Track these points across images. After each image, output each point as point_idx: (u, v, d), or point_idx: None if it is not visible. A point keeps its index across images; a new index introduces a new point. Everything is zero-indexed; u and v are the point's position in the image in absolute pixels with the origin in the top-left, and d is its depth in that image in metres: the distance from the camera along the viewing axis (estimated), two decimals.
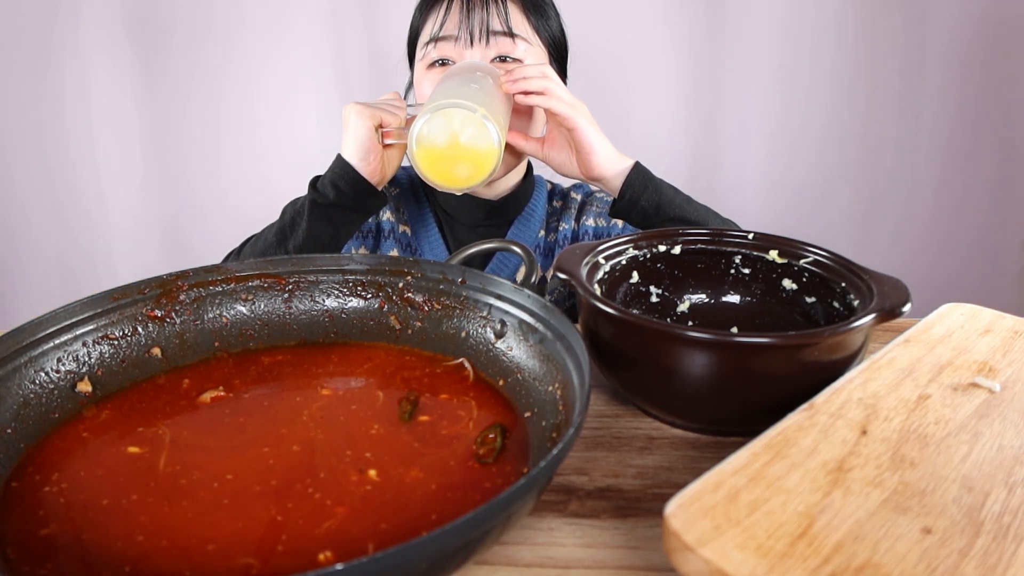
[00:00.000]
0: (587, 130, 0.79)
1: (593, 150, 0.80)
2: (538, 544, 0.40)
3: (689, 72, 1.56)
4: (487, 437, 0.45)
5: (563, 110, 0.78)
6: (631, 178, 0.79)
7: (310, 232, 0.80)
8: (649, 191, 0.79)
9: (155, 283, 0.55)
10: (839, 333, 0.46)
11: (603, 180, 0.82)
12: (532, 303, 0.51)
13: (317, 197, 0.80)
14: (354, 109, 0.80)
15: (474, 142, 0.72)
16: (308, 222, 0.80)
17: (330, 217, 0.80)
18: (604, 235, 0.97)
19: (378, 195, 0.82)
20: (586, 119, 0.80)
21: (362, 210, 0.82)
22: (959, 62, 1.50)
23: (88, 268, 1.67)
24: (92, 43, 1.54)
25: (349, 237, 0.84)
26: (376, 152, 0.80)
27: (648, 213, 0.79)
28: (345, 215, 0.81)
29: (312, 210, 0.80)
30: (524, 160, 0.97)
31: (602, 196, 1.01)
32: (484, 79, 0.77)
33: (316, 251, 0.80)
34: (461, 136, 0.72)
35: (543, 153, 0.85)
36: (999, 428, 0.43)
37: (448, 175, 0.74)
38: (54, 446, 0.45)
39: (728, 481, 0.37)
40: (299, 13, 1.54)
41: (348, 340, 0.58)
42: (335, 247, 0.82)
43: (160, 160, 1.61)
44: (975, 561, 0.33)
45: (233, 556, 0.36)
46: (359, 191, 0.80)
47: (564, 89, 0.80)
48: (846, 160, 1.59)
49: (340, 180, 0.80)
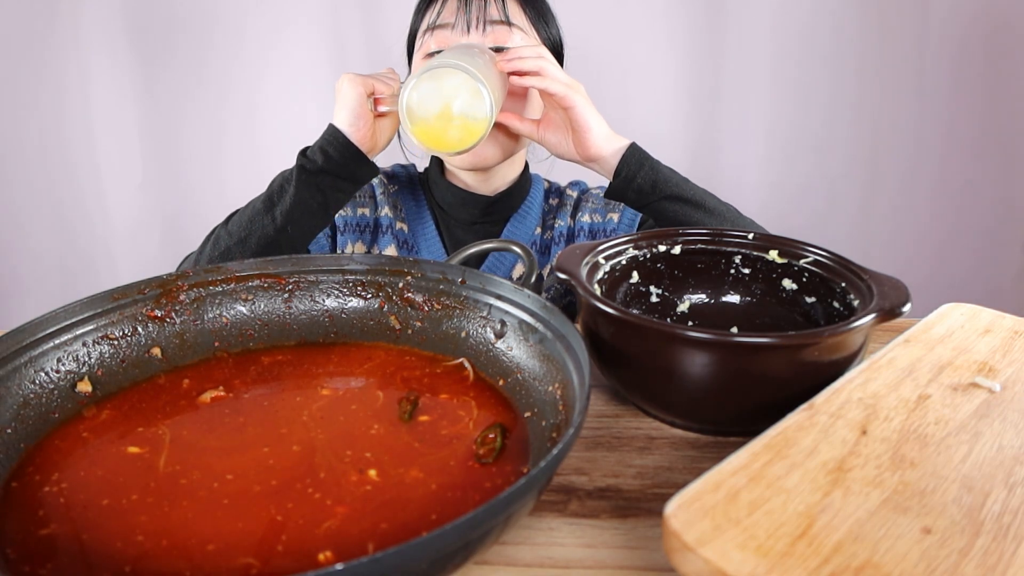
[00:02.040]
0: (583, 109, 0.79)
1: (589, 128, 0.80)
2: (538, 544, 0.40)
3: (688, 73, 1.56)
4: (487, 437, 0.45)
5: (559, 89, 0.79)
6: (627, 157, 0.79)
7: (298, 199, 0.78)
8: (645, 169, 0.79)
9: (155, 283, 0.55)
10: (839, 333, 0.46)
11: (600, 160, 0.81)
12: (532, 303, 0.51)
13: (306, 163, 0.79)
14: (346, 78, 0.80)
15: (467, 106, 0.72)
16: (296, 188, 0.78)
17: (319, 184, 0.79)
18: (599, 231, 0.96)
19: (368, 163, 0.81)
20: (582, 98, 0.80)
21: (351, 178, 0.81)
22: (960, 62, 1.50)
23: (88, 268, 1.67)
24: (92, 43, 1.54)
25: (338, 208, 0.82)
26: (367, 119, 0.80)
27: (644, 191, 0.79)
28: (334, 182, 0.80)
29: (300, 176, 0.79)
30: (522, 151, 0.97)
31: (597, 192, 1.01)
32: (481, 55, 0.77)
33: (304, 220, 0.79)
34: (453, 98, 0.72)
35: (539, 134, 0.84)
36: (999, 428, 0.43)
37: (440, 139, 0.74)
38: (54, 446, 0.45)
39: (728, 481, 0.37)
40: (299, 13, 1.54)
41: (348, 340, 0.58)
42: (323, 217, 0.81)
43: (160, 160, 1.61)
44: (975, 561, 0.33)
45: (233, 556, 0.36)
46: (348, 157, 0.79)
47: (559, 69, 0.81)
48: (846, 160, 1.59)
49: (329, 146, 0.79)
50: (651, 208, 0.80)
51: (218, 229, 0.81)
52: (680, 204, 0.78)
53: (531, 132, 0.85)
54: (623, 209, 0.97)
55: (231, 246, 0.77)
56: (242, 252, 0.77)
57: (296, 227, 0.78)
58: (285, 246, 0.78)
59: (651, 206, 0.79)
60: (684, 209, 0.78)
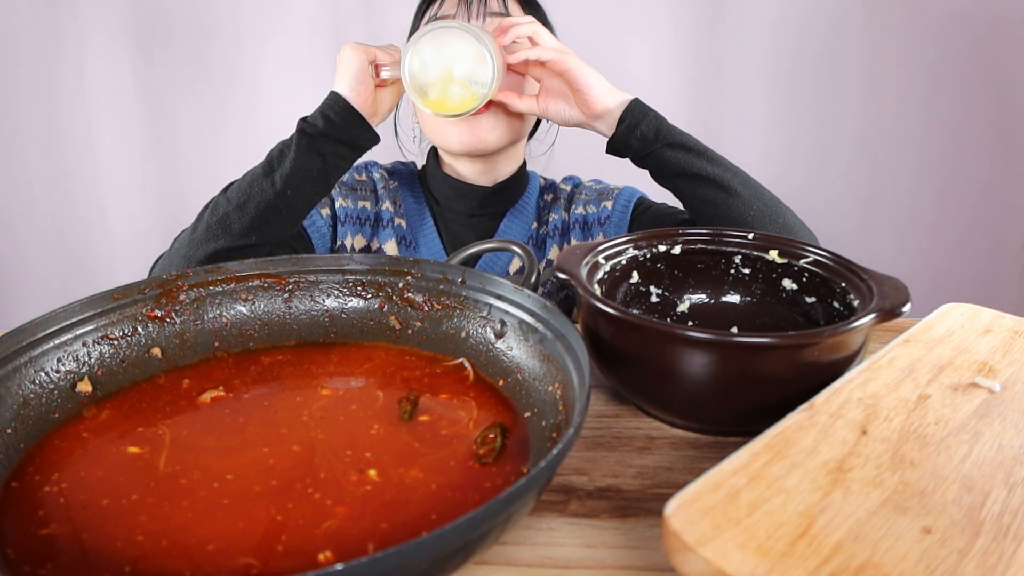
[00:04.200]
0: (580, 69, 0.80)
1: (590, 85, 0.80)
2: (538, 544, 0.40)
3: (687, 73, 1.56)
4: (487, 437, 0.45)
5: (552, 55, 0.80)
6: (631, 107, 0.80)
7: (298, 163, 0.78)
8: (650, 117, 0.80)
9: (155, 283, 0.55)
10: (839, 333, 0.46)
11: (605, 114, 0.81)
12: (532, 303, 0.51)
13: (306, 127, 0.79)
14: (348, 46, 0.81)
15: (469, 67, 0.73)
16: (296, 153, 0.78)
17: (319, 149, 0.79)
18: (594, 221, 0.96)
19: (368, 128, 0.81)
20: (576, 59, 0.81)
21: (352, 143, 0.80)
22: (960, 61, 1.50)
23: (88, 268, 1.67)
24: (92, 44, 1.54)
25: (338, 175, 0.82)
26: (367, 84, 0.80)
27: (648, 138, 0.79)
28: (335, 148, 0.79)
29: (300, 141, 0.79)
30: (521, 144, 0.97)
31: (591, 185, 1.01)
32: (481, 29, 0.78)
33: (304, 186, 0.78)
34: (455, 59, 0.74)
35: (540, 107, 0.85)
36: (999, 428, 0.43)
37: (441, 101, 0.75)
38: (54, 446, 0.45)
39: (728, 481, 0.37)
40: (299, 13, 1.54)
41: (348, 340, 0.58)
42: (323, 183, 0.80)
43: (160, 161, 1.61)
44: (975, 561, 0.33)
45: (233, 556, 0.36)
46: (349, 121, 0.79)
47: (552, 36, 0.82)
48: (846, 160, 1.59)
49: (330, 110, 0.79)
50: (654, 156, 0.79)
51: (216, 197, 0.80)
52: (683, 152, 0.78)
53: (531, 107, 0.85)
54: (616, 197, 0.96)
55: (229, 212, 0.77)
56: (240, 217, 0.76)
57: (296, 192, 0.78)
58: (285, 211, 0.78)
59: (654, 154, 0.79)
60: (687, 157, 0.78)
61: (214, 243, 0.76)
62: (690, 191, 0.80)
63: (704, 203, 0.79)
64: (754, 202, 0.78)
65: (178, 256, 0.77)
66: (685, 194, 0.81)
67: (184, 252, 0.77)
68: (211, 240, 0.76)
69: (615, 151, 0.82)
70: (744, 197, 0.78)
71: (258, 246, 0.78)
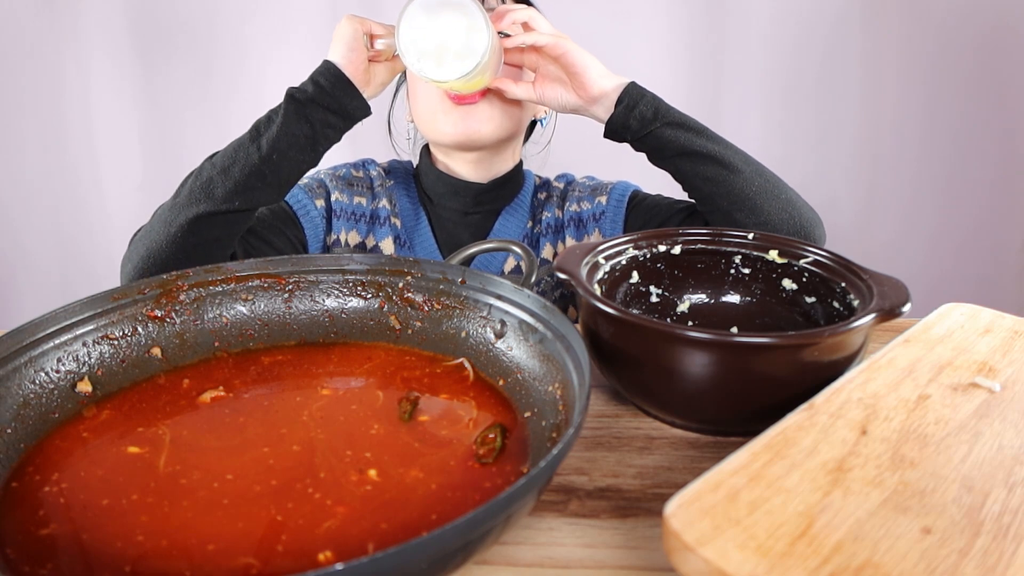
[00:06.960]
0: (576, 53, 0.80)
1: (586, 68, 0.80)
2: (538, 544, 0.40)
3: (686, 72, 1.56)
4: (487, 437, 0.45)
5: (548, 40, 0.80)
6: (629, 88, 0.80)
7: (285, 128, 0.77)
8: (648, 98, 0.79)
9: (155, 283, 0.55)
10: (839, 333, 0.46)
11: (603, 97, 0.81)
12: (532, 303, 0.51)
13: (296, 92, 0.78)
14: (344, 17, 0.81)
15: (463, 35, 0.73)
16: (284, 118, 0.77)
17: (308, 115, 0.78)
18: (588, 216, 0.96)
19: (359, 97, 0.80)
20: (572, 43, 0.81)
21: (341, 111, 0.79)
22: (960, 62, 1.50)
23: (88, 268, 1.67)
24: (92, 44, 1.54)
25: (327, 145, 0.81)
26: (360, 53, 0.80)
27: (647, 118, 0.79)
28: (324, 115, 0.78)
29: (289, 106, 0.78)
30: (517, 141, 0.97)
31: (584, 181, 1.01)
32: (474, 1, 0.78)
33: (291, 152, 0.77)
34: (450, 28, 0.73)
35: (537, 93, 0.84)
36: (999, 428, 0.43)
37: (435, 66, 0.75)
38: (54, 446, 0.45)
39: (728, 481, 0.37)
40: (299, 14, 1.54)
41: (348, 340, 0.58)
42: (311, 152, 0.79)
43: (160, 161, 1.61)
44: (975, 561, 0.33)
45: (233, 556, 0.36)
46: (339, 89, 0.79)
47: (547, 22, 0.83)
48: (846, 160, 1.59)
49: (321, 76, 0.79)
50: (653, 136, 0.79)
51: (202, 163, 0.80)
52: (682, 131, 0.78)
53: (528, 93, 0.84)
54: (610, 191, 0.96)
55: (214, 176, 0.76)
56: (224, 181, 0.75)
57: (282, 157, 0.77)
58: (270, 176, 0.77)
59: (653, 133, 0.79)
60: (687, 136, 0.78)
61: (196, 207, 0.74)
62: (691, 170, 0.79)
63: (706, 181, 0.78)
64: (756, 178, 0.78)
65: (159, 223, 0.76)
66: (686, 173, 0.80)
67: (166, 217, 0.75)
68: (194, 204, 0.75)
69: (613, 133, 0.82)
70: (745, 174, 0.77)
71: (241, 211, 0.76)
